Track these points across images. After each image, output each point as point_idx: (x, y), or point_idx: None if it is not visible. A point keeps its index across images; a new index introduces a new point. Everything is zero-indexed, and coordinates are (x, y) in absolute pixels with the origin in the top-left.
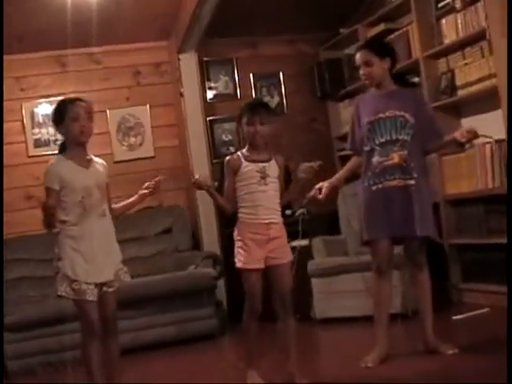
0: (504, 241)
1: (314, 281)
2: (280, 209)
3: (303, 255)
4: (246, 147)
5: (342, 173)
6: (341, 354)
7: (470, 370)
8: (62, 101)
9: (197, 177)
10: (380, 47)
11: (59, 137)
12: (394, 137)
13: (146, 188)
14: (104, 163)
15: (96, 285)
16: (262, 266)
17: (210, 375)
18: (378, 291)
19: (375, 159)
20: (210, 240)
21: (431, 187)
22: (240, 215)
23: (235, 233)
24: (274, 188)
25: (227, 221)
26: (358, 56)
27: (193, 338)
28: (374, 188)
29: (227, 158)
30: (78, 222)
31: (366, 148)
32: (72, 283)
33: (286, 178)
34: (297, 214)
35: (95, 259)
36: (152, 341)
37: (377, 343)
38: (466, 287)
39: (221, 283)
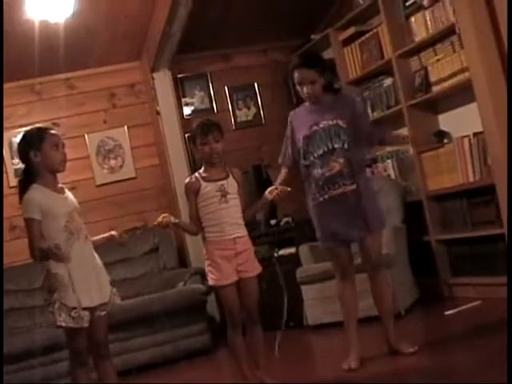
0: (489, 232)
1: (303, 288)
2: (243, 223)
3: (291, 263)
4: (203, 167)
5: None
6: (335, 359)
7: (468, 364)
8: (37, 128)
9: (159, 220)
10: (320, 64)
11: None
12: (330, 147)
13: (118, 235)
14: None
15: (89, 310)
16: (234, 279)
17: None
18: (343, 296)
19: (316, 171)
20: (197, 256)
21: (370, 183)
22: (206, 234)
23: (204, 252)
24: (235, 204)
25: None
26: (299, 74)
27: (187, 355)
28: (320, 199)
29: (186, 181)
30: (65, 247)
31: (306, 162)
32: (71, 311)
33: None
34: (282, 222)
35: (89, 283)
36: (147, 361)
37: (351, 346)
38: (456, 282)
39: (211, 298)
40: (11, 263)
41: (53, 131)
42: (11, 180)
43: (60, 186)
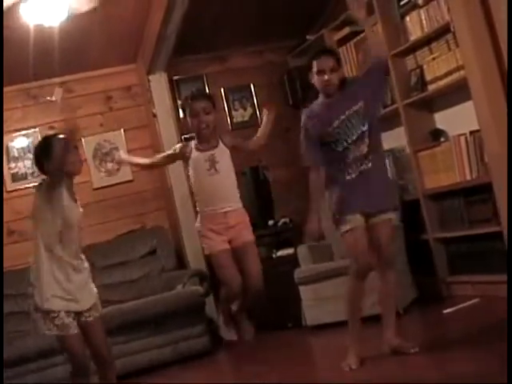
0: (487, 230)
1: (301, 289)
2: (237, 194)
3: (290, 264)
4: (195, 140)
5: (318, 201)
6: (334, 359)
7: (467, 363)
8: (48, 137)
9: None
10: (339, 55)
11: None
12: (360, 130)
13: None
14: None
15: (74, 317)
16: (227, 247)
17: None
18: (354, 292)
19: (352, 155)
20: (195, 257)
21: (383, 162)
22: (198, 208)
23: (196, 225)
24: (227, 174)
25: None
26: (321, 61)
27: (187, 357)
28: (348, 178)
29: (180, 144)
30: (55, 251)
31: (339, 149)
32: (54, 319)
33: None
34: (280, 223)
35: (71, 289)
36: (146, 364)
37: (351, 346)
38: (454, 280)
39: (210, 299)
40: (9, 267)
41: (61, 136)
42: (8, 185)
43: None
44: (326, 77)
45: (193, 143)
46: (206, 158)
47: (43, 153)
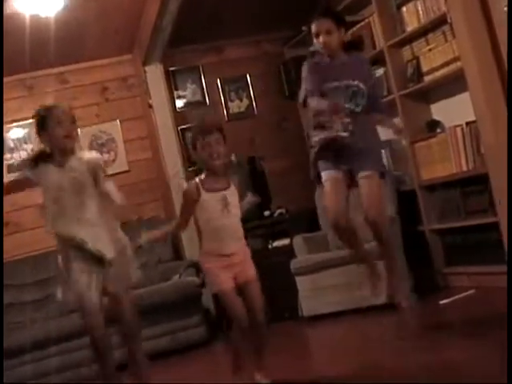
0: (483, 221)
1: (298, 279)
2: (243, 234)
3: (286, 254)
4: (204, 174)
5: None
6: (331, 350)
7: (464, 354)
8: (44, 107)
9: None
10: (338, 16)
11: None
12: (346, 106)
13: None
14: (94, 155)
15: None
16: (233, 284)
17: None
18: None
19: (322, 119)
20: (192, 248)
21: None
22: (204, 245)
23: (201, 260)
24: (236, 215)
25: None
26: (317, 24)
27: (183, 347)
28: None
29: (185, 186)
30: (56, 219)
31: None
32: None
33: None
34: (275, 214)
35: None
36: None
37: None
38: (450, 271)
39: (206, 290)
40: (5, 258)
41: (58, 107)
42: (4, 175)
43: (69, 158)
44: (320, 39)
45: (199, 182)
46: (219, 199)
47: (38, 124)
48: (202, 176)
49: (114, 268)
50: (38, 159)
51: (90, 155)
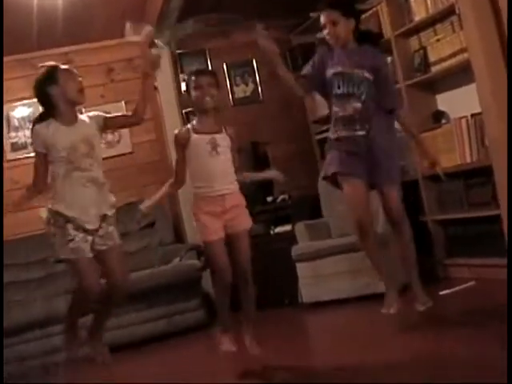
0: (485, 213)
1: (298, 266)
2: (235, 178)
3: (287, 240)
4: (196, 118)
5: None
6: (329, 337)
7: (463, 344)
8: (52, 65)
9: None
10: (346, 6)
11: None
12: (350, 90)
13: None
14: (95, 113)
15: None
16: (221, 235)
17: (202, 366)
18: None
19: (335, 108)
20: (193, 232)
21: (394, 144)
22: (194, 190)
23: (192, 210)
24: (226, 157)
25: None
26: (323, 15)
27: (182, 330)
28: (335, 136)
29: (175, 131)
30: (65, 177)
31: (331, 97)
32: (68, 243)
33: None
34: (278, 199)
35: (84, 209)
36: (142, 336)
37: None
38: (451, 262)
39: (206, 274)
40: (6, 237)
41: (66, 66)
42: (8, 154)
43: (77, 116)
44: (326, 30)
45: (190, 126)
46: (207, 141)
47: (49, 78)
48: (194, 121)
49: (102, 229)
50: (42, 122)
51: (90, 114)
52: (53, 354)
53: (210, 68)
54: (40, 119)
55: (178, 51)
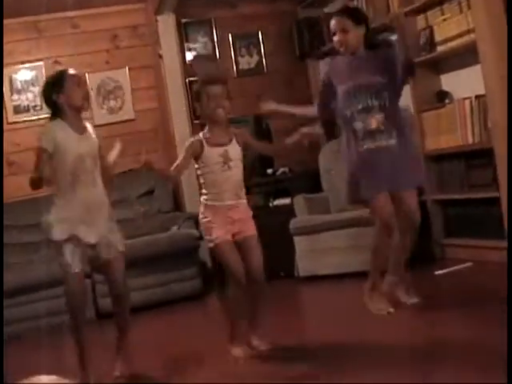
0: (485, 195)
1: (296, 239)
2: (244, 190)
3: (286, 214)
4: (207, 127)
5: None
6: (324, 311)
7: (457, 324)
8: (59, 71)
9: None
10: (356, 14)
11: (39, 102)
12: (370, 104)
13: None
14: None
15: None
16: (230, 239)
17: (196, 333)
18: (381, 248)
19: (356, 124)
20: (192, 200)
21: (412, 140)
22: (203, 198)
23: (200, 216)
24: (237, 171)
25: None
26: (333, 22)
27: (177, 298)
28: (360, 149)
29: (191, 140)
30: (68, 188)
31: (347, 113)
32: (62, 255)
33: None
34: (278, 172)
35: (85, 224)
36: (137, 303)
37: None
38: (448, 242)
39: (203, 243)
40: (8, 199)
41: (72, 71)
42: (10, 116)
43: (85, 126)
44: (336, 38)
45: (202, 137)
46: (220, 154)
47: (55, 84)
48: (206, 130)
49: (104, 237)
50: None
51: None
52: (49, 317)
53: (220, 71)
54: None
55: (184, 20)
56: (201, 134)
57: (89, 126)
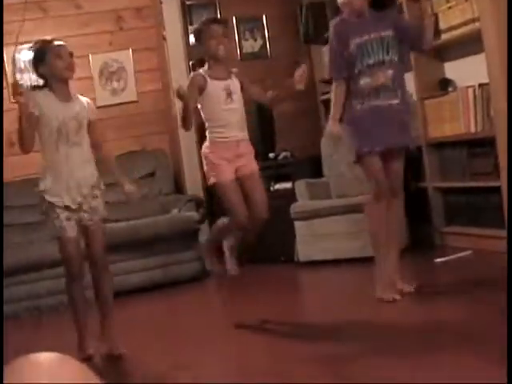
0: (487, 184)
1: (297, 224)
2: (246, 126)
3: (286, 198)
4: (207, 65)
5: (339, 112)
6: (324, 295)
7: (455, 312)
8: (41, 41)
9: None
10: None
11: (41, 82)
12: (381, 58)
13: None
14: (89, 101)
15: (75, 220)
16: (233, 178)
17: (194, 315)
18: (373, 215)
19: (363, 81)
20: (193, 183)
21: (410, 102)
22: (209, 135)
23: (203, 151)
24: (240, 104)
25: None
26: None
27: (177, 281)
28: (362, 106)
29: (191, 74)
30: (52, 149)
31: (355, 70)
32: (54, 220)
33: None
34: (280, 156)
35: (63, 185)
36: (136, 284)
37: (383, 276)
38: (449, 230)
39: (204, 227)
40: (8, 180)
41: (56, 42)
42: (12, 96)
43: (73, 96)
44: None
45: (202, 71)
46: (223, 88)
47: (37, 57)
48: (206, 67)
49: (87, 204)
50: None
51: (83, 98)
52: (48, 296)
53: (221, 17)
54: (37, 88)
55: (188, 2)
56: (201, 70)
57: (81, 97)
